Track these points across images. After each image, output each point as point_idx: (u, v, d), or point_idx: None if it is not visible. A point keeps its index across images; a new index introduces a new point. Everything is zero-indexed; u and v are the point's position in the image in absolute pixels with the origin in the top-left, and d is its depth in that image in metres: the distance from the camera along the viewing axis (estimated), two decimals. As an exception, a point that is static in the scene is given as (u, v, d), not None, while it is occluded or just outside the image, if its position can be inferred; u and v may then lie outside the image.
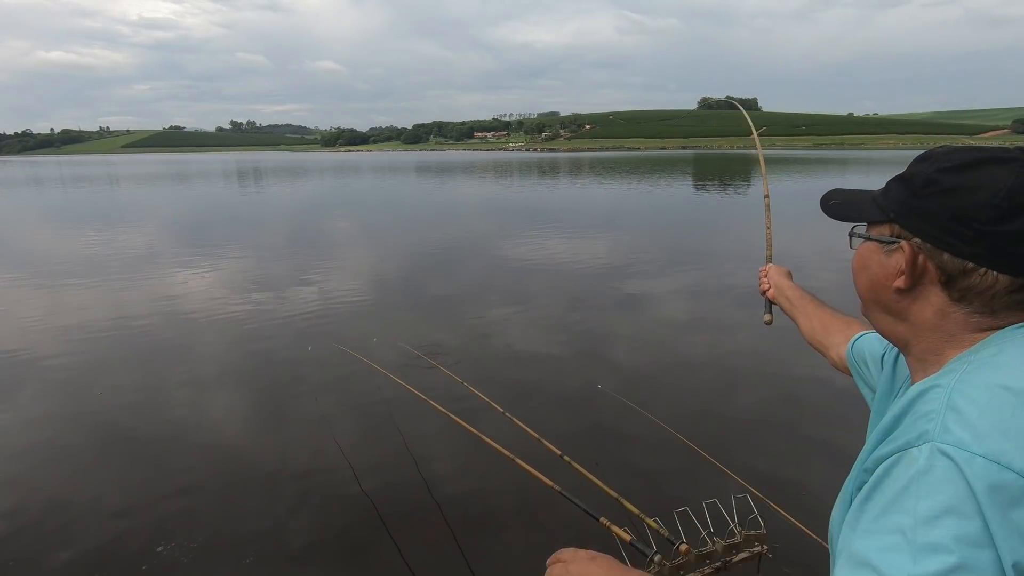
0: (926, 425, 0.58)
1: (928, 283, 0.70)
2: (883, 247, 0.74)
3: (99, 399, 4.38)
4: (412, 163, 67.51)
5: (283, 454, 3.59)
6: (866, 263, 0.78)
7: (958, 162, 0.68)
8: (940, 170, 0.68)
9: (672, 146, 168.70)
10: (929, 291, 0.70)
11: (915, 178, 0.71)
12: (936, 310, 0.70)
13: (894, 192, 0.74)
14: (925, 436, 0.57)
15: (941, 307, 0.69)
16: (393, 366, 3.89)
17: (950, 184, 0.67)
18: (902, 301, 0.73)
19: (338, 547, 2.78)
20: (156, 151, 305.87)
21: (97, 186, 31.86)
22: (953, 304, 0.68)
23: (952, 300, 0.68)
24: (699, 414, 4.00)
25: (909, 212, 0.71)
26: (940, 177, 0.68)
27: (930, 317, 0.71)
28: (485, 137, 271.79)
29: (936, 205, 0.67)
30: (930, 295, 0.70)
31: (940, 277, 0.68)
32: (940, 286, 0.68)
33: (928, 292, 0.70)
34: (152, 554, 2.70)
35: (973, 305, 0.67)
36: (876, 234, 0.76)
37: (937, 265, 0.68)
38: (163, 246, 11.58)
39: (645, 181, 29.76)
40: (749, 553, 1.82)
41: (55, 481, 3.32)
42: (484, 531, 2.88)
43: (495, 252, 10.45)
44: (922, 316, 0.71)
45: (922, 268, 0.69)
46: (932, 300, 0.70)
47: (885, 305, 0.76)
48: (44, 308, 6.90)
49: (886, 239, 0.74)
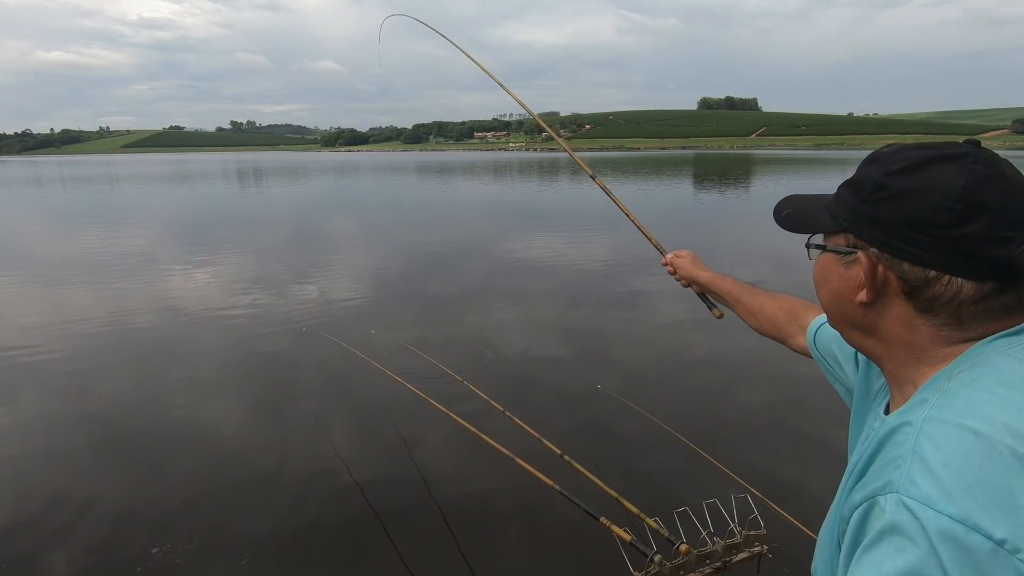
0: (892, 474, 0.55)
1: (891, 295, 0.65)
2: (841, 258, 0.70)
3: (98, 399, 4.37)
4: (412, 163, 67.52)
5: (282, 453, 3.58)
6: (826, 276, 0.73)
7: (905, 163, 0.64)
8: (888, 174, 0.64)
9: (672, 146, 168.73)
10: (893, 303, 0.66)
11: (864, 183, 0.67)
12: (903, 323, 0.66)
13: (844, 199, 0.70)
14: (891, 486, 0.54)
15: (908, 319, 0.65)
16: (393, 364, 3.89)
17: (900, 188, 0.63)
18: (868, 315, 0.68)
19: (337, 547, 2.77)
20: (156, 151, 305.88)
21: (97, 186, 31.85)
22: (920, 316, 0.64)
23: (918, 311, 0.64)
24: (699, 414, 4.00)
25: (862, 220, 0.66)
26: (889, 181, 0.64)
27: (899, 331, 0.66)
28: (485, 137, 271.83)
29: (888, 212, 0.63)
30: (894, 307, 0.66)
31: (902, 287, 0.64)
32: (904, 297, 0.64)
33: (892, 304, 0.66)
34: (148, 555, 2.69)
35: (940, 316, 0.63)
36: (833, 244, 0.71)
37: (898, 275, 0.64)
38: (163, 246, 11.58)
39: (645, 181, 29.77)
40: (749, 553, 1.82)
41: (52, 482, 3.31)
42: (484, 530, 2.87)
43: (495, 252, 10.45)
44: (891, 330, 0.67)
45: (883, 279, 0.65)
46: (897, 312, 0.66)
47: (851, 320, 0.72)
48: (43, 308, 6.90)
49: (842, 250, 0.69)
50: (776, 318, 1.21)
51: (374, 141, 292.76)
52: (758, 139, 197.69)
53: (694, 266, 1.45)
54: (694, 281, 1.44)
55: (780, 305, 1.23)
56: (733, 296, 1.33)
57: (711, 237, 12.18)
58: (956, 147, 0.63)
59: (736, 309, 1.34)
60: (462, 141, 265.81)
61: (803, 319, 1.16)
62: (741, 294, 1.32)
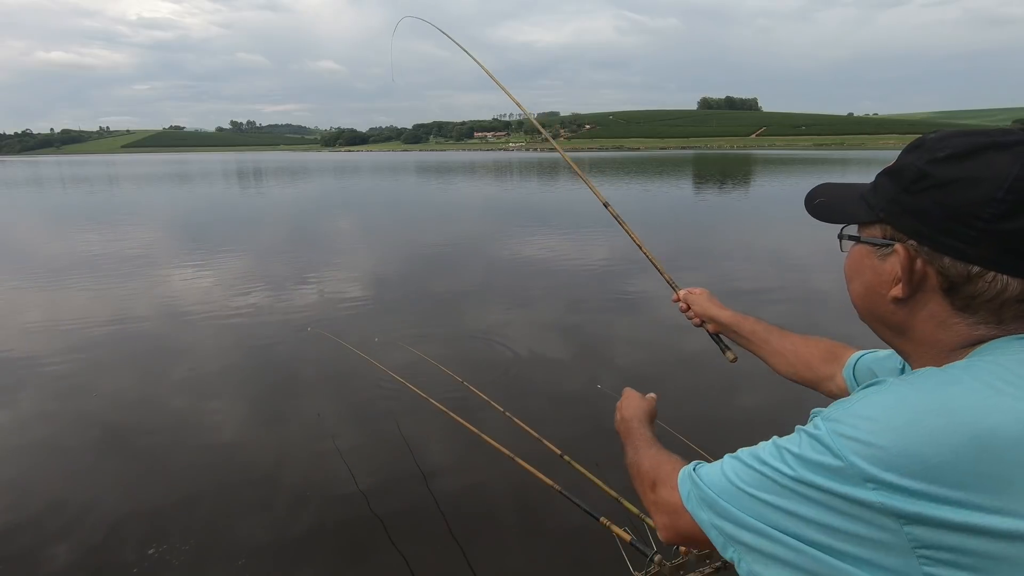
0: (834, 409, 0.59)
1: (928, 291, 0.62)
2: (876, 251, 0.66)
3: (97, 399, 4.37)
4: (412, 163, 67.50)
5: (281, 453, 3.58)
6: (858, 269, 0.70)
7: (952, 150, 0.59)
8: (933, 161, 0.60)
9: (672, 146, 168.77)
10: (929, 299, 0.62)
11: (905, 171, 0.63)
12: (937, 322, 0.62)
13: (883, 188, 0.66)
14: (822, 413, 0.60)
15: (942, 318, 0.62)
16: (394, 364, 3.89)
17: (945, 177, 0.58)
18: (899, 312, 0.65)
19: (336, 547, 2.78)
20: (156, 151, 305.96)
21: (98, 186, 31.85)
22: (956, 314, 0.61)
23: (955, 309, 0.61)
24: (699, 414, 4.00)
25: (901, 211, 0.62)
26: (933, 170, 0.59)
27: (931, 330, 0.63)
28: (485, 137, 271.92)
29: (930, 202, 0.59)
30: (929, 304, 0.62)
31: (941, 284, 0.60)
32: (941, 294, 0.61)
33: (927, 301, 0.62)
34: (144, 556, 2.68)
35: (978, 315, 0.60)
36: (868, 236, 0.67)
37: (938, 270, 0.60)
38: (164, 246, 11.58)
39: (645, 181, 29.76)
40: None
41: (50, 482, 3.31)
42: (484, 530, 2.88)
43: (496, 252, 10.45)
44: (923, 329, 0.64)
45: (921, 274, 0.61)
46: (932, 310, 0.62)
47: (882, 317, 0.68)
48: (43, 308, 6.90)
49: (878, 241, 0.65)
50: (811, 360, 1.14)
51: (374, 141, 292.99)
52: (758, 139, 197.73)
53: (712, 304, 1.35)
54: (713, 320, 1.33)
55: (816, 345, 1.15)
56: (759, 337, 1.24)
57: (711, 237, 12.17)
58: (1010, 134, 0.58)
59: (762, 351, 1.24)
60: (462, 141, 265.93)
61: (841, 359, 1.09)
62: (769, 335, 1.23)
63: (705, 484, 0.68)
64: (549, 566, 2.65)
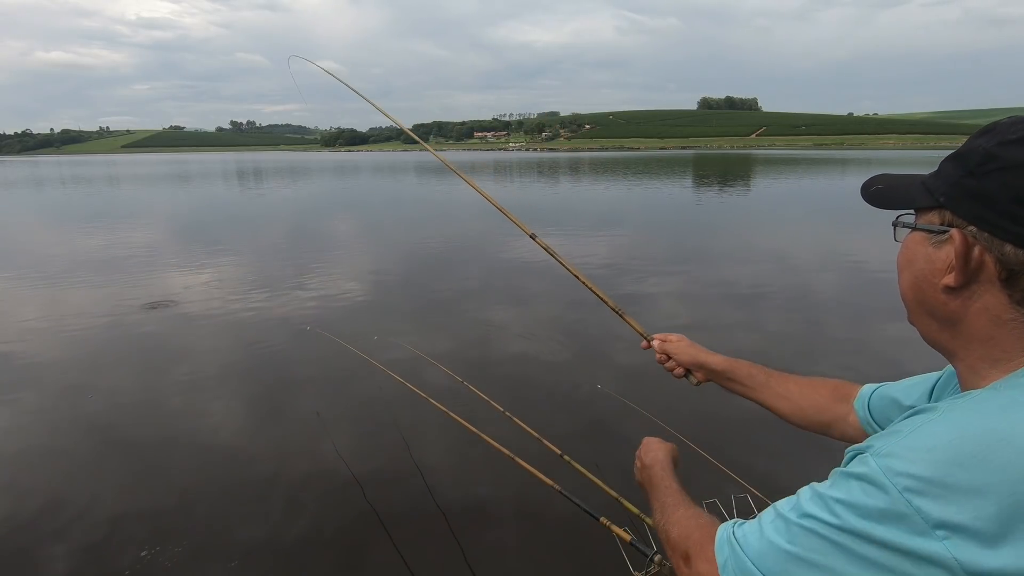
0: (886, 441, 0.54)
1: (984, 281, 0.58)
2: (931, 238, 0.62)
3: (94, 399, 4.37)
4: (412, 163, 67.50)
5: (280, 453, 3.58)
6: (911, 257, 0.65)
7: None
8: (1003, 143, 0.56)
9: (672, 146, 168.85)
10: (984, 291, 0.58)
11: (972, 154, 0.59)
12: (991, 316, 0.58)
13: (946, 173, 0.62)
14: (873, 448, 0.54)
15: (998, 312, 0.57)
16: (393, 364, 3.88)
17: (1015, 159, 0.54)
18: (951, 303, 0.61)
19: (335, 547, 2.77)
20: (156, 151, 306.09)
21: (98, 186, 31.85)
22: (1013, 308, 0.57)
23: (1013, 303, 0.56)
24: (699, 414, 4.00)
25: (962, 195, 0.59)
26: (1002, 152, 0.55)
27: (984, 325, 0.59)
28: (485, 137, 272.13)
29: (996, 185, 0.55)
30: (985, 296, 0.58)
31: (1000, 273, 0.56)
32: (1000, 284, 0.57)
33: (983, 292, 0.58)
34: (138, 558, 2.67)
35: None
36: (924, 223, 0.64)
37: (997, 258, 0.56)
38: (163, 246, 11.57)
39: (645, 181, 29.76)
40: (749, 553, 1.81)
41: (45, 483, 3.30)
42: (484, 530, 2.87)
43: (495, 252, 10.45)
44: (975, 323, 0.60)
45: (977, 262, 0.57)
46: (987, 302, 0.58)
47: (931, 308, 0.64)
48: (42, 307, 6.89)
49: (935, 228, 0.62)
50: (820, 401, 1.07)
51: (374, 141, 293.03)
52: (758, 139, 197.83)
53: (698, 350, 1.26)
54: (703, 367, 1.24)
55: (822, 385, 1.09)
56: (758, 381, 1.17)
57: (711, 237, 12.17)
58: None
59: (762, 396, 1.16)
60: (462, 141, 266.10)
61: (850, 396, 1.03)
62: (769, 379, 1.15)
63: (746, 552, 0.61)
64: (549, 566, 2.64)
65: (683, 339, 1.30)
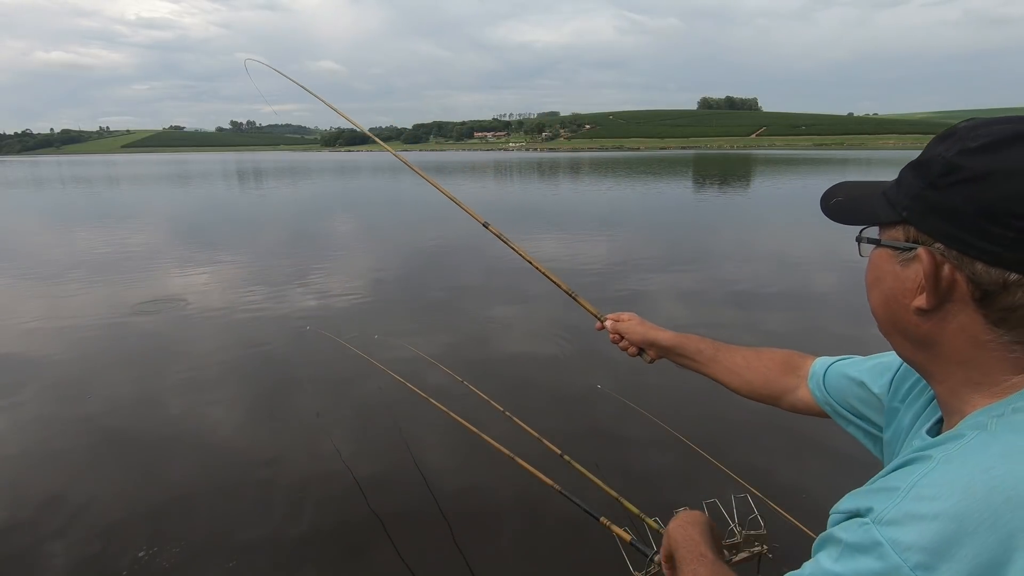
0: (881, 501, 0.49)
1: (957, 301, 0.53)
2: (898, 255, 0.58)
3: (94, 399, 4.37)
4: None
5: (280, 452, 3.58)
6: (879, 275, 0.61)
7: (988, 139, 0.51)
8: (964, 152, 0.52)
9: (672, 146, 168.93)
10: (959, 311, 0.54)
11: (932, 164, 0.55)
12: (969, 337, 0.54)
13: (907, 184, 0.58)
14: (871, 513, 0.49)
15: (975, 333, 0.54)
16: (393, 363, 3.88)
17: (979, 169, 0.50)
18: (925, 324, 0.56)
19: (335, 547, 2.77)
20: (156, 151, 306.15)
21: (98, 186, 31.85)
22: (990, 329, 0.53)
23: (990, 323, 0.52)
24: (699, 414, 4.00)
25: (926, 209, 0.54)
26: (964, 161, 0.51)
27: (961, 347, 0.55)
28: (485, 137, 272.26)
29: (961, 199, 0.51)
30: (960, 316, 0.54)
31: (973, 293, 0.52)
32: (974, 304, 0.53)
33: (957, 312, 0.54)
34: (137, 558, 2.67)
35: (1016, 332, 0.52)
36: (889, 238, 0.60)
37: (968, 277, 0.52)
38: (163, 246, 11.57)
39: (646, 182, 29.76)
40: (749, 553, 1.81)
41: (44, 483, 3.30)
42: (484, 530, 2.87)
43: (495, 252, 10.44)
44: (952, 345, 0.56)
45: (948, 281, 0.53)
46: (963, 322, 0.54)
47: (904, 329, 0.60)
48: (41, 307, 6.89)
49: (899, 245, 0.57)
50: (767, 374, 1.05)
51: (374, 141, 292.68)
52: (758, 139, 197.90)
53: (648, 328, 1.24)
54: (654, 344, 1.23)
55: (770, 357, 1.07)
56: (707, 356, 1.15)
57: (710, 237, 12.17)
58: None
59: (711, 371, 1.15)
60: (462, 141, 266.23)
61: (801, 368, 1.01)
62: (717, 352, 1.14)
63: None
64: (549, 566, 2.64)
65: (634, 317, 1.29)
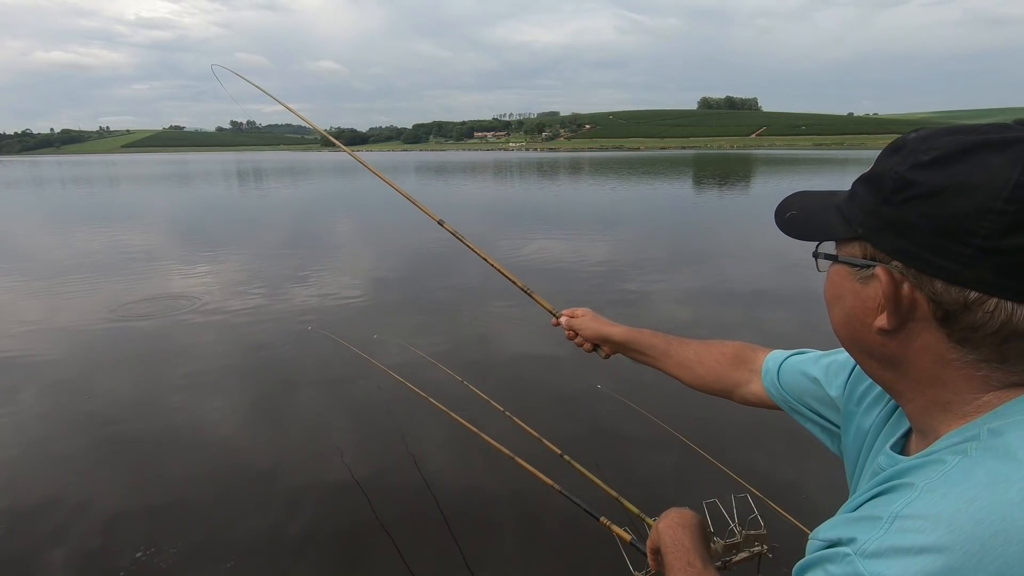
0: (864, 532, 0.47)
1: (919, 320, 0.52)
2: (856, 272, 0.56)
3: (94, 399, 4.37)
4: (412, 163, 67.49)
5: (279, 452, 3.58)
6: (839, 293, 0.59)
7: (939, 152, 0.49)
8: (916, 166, 0.50)
9: (672, 146, 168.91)
10: (921, 330, 0.52)
11: (884, 178, 0.53)
12: (934, 356, 0.53)
13: (860, 198, 0.55)
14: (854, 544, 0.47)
15: (939, 352, 0.52)
16: (393, 363, 3.89)
17: (932, 185, 0.49)
18: (889, 344, 0.55)
19: (334, 547, 2.77)
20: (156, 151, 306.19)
21: (98, 187, 31.85)
22: (954, 348, 0.51)
23: (953, 342, 0.51)
24: (699, 414, 4.00)
25: (881, 226, 0.53)
26: (917, 176, 0.50)
27: (927, 366, 0.54)
28: (485, 137, 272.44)
29: (916, 215, 0.50)
30: (923, 335, 0.52)
31: (934, 312, 0.51)
32: (936, 324, 0.51)
33: (920, 332, 0.53)
34: (136, 558, 2.67)
35: (981, 351, 0.50)
36: (846, 254, 0.57)
37: (929, 296, 0.50)
38: (163, 246, 11.57)
39: (646, 182, 29.76)
40: (749, 553, 1.81)
41: (43, 483, 3.30)
42: (484, 530, 2.87)
43: (494, 251, 10.43)
44: (917, 364, 0.54)
45: (908, 301, 0.52)
46: (926, 341, 0.52)
47: (867, 348, 0.58)
48: (40, 307, 6.89)
49: (857, 262, 0.55)
50: (717, 367, 1.05)
51: (374, 141, 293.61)
52: (758, 139, 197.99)
53: (601, 323, 1.26)
54: (607, 340, 1.24)
55: (720, 351, 1.06)
56: (659, 350, 1.14)
57: (710, 238, 12.17)
58: (1006, 130, 0.49)
59: (664, 365, 1.14)
60: (462, 141, 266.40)
61: (752, 361, 1.00)
62: (669, 346, 1.13)
63: None
64: (549, 566, 2.64)
65: (588, 313, 1.30)
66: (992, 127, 0.50)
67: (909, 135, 0.54)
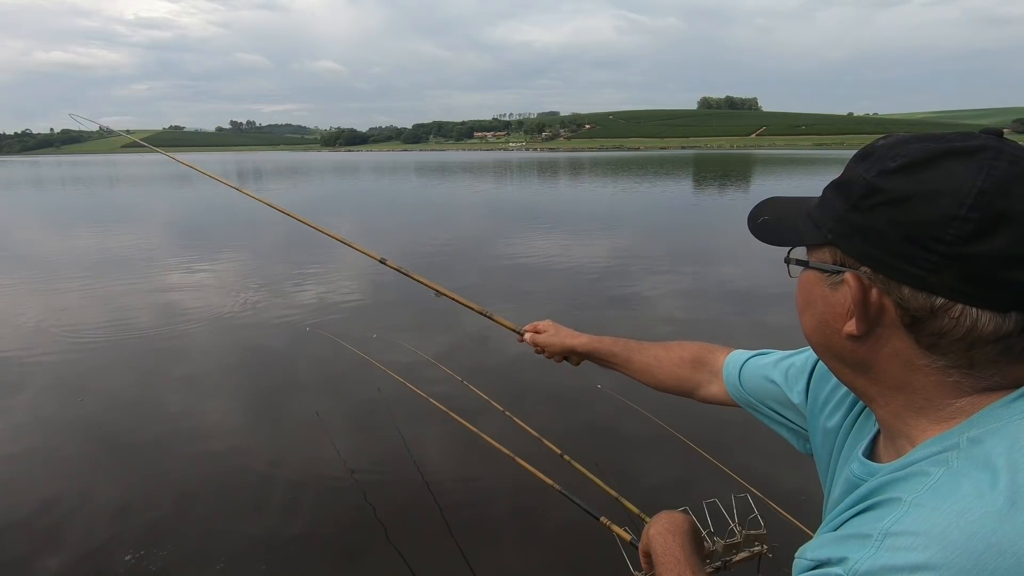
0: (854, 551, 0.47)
1: (888, 325, 0.52)
2: (826, 278, 0.56)
3: (93, 399, 4.36)
4: (412, 163, 67.50)
5: (279, 452, 3.58)
6: (809, 298, 0.59)
7: (905, 159, 0.50)
8: (883, 173, 0.51)
9: (672, 146, 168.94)
10: (890, 336, 0.53)
11: (853, 185, 0.53)
12: (903, 361, 0.53)
13: (830, 204, 0.56)
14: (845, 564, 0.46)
15: (909, 358, 0.53)
16: (393, 363, 3.88)
17: (898, 191, 0.49)
18: (859, 349, 0.55)
19: (334, 547, 2.77)
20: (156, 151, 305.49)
21: (98, 187, 31.84)
22: (923, 354, 0.52)
23: (921, 348, 0.51)
24: (699, 414, 3.97)
25: (850, 232, 0.53)
26: (884, 183, 0.50)
27: (897, 371, 0.54)
28: (485, 137, 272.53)
29: (883, 222, 0.50)
30: (892, 341, 0.53)
31: (902, 317, 0.51)
32: (904, 329, 0.51)
33: (889, 337, 0.53)
34: (134, 558, 2.66)
35: (949, 356, 0.51)
36: (817, 260, 0.58)
37: (896, 302, 0.51)
38: (162, 246, 11.57)
39: (646, 182, 29.75)
40: (749, 553, 1.81)
41: (42, 483, 3.29)
42: (483, 530, 2.87)
43: (494, 251, 10.44)
44: (887, 369, 0.55)
45: (877, 306, 0.52)
46: (896, 348, 0.53)
47: (838, 354, 0.58)
48: (39, 308, 6.89)
49: (827, 268, 0.56)
50: (678, 370, 1.07)
51: (374, 141, 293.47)
52: (758, 139, 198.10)
53: (564, 334, 1.28)
54: (572, 351, 1.26)
55: (679, 354, 1.09)
56: (621, 358, 1.17)
57: (709, 238, 12.16)
58: (971, 138, 0.50)
59: (627, 370, 1.17)
60: (462, 141, 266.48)
61: (712, 364, 1.02)
62: (630, 353, 1.16)
63: None
64: (549, 566, 2.64)
65: (551, 326, 1.32)
66: (958, 135, 0.50)
67: (878, 142, 0.55)
